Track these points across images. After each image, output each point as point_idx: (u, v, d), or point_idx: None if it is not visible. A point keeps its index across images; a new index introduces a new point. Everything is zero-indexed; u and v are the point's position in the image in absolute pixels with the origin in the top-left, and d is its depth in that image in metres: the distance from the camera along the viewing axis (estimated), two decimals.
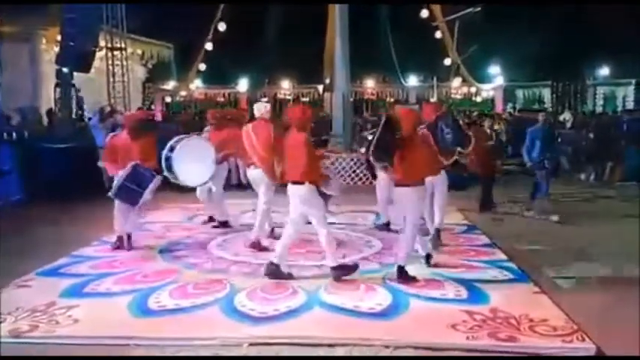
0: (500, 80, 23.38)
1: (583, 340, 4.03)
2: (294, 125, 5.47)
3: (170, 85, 21.89)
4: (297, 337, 4.15)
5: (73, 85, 12.78)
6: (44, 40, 15.48)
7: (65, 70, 12.15)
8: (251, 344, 4.08)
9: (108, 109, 12.79)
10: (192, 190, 7.87)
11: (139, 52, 18.82)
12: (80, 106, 13.88)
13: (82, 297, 5.08)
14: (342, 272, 5.41)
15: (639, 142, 12.05)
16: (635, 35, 20.57)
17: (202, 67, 22.66)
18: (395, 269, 5.42)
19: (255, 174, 6.69)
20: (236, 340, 4.14)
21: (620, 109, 23.24)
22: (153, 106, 20.86)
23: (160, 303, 4.87)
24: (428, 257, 5.87)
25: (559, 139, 13.70)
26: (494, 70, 23.62)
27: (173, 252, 6.62)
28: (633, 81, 25.43)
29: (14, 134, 10.87)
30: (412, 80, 23.20)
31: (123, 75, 16.53)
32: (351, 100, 16.95)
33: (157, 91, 21.43)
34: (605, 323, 4.30)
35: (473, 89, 23.77)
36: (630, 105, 24.05)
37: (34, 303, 4.85)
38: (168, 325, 4.43)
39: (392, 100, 23.36)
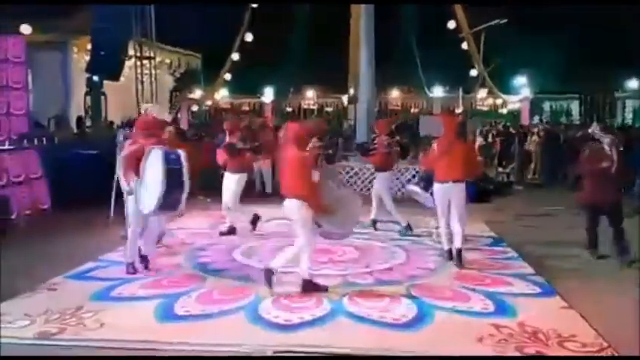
0: (526, 92, 23.16)
1: (614, 356, 3.94)
2: (291, 141, 5.41)
3: (197, 93, 22.17)
4: (322, 346, 4.14)
5: (103, 93, 13.03)
6: (75, 49, 15.83)
7: (95, 78, 12.40)
8: (275, 352, 4.08)
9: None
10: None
11: (167, 61, 19.11)
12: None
13: (109, 301, 5.15)
14: (311, 287, 5.28)
15: None
16: None
17: (228, 76, 22.95)
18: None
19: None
20: (261, 348, 4.14)
21: None
22: (179, 115, 21.14)
23: (185, 308, 4.91)
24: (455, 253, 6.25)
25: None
26: (521, 81, 23.41)
27: (198, 258, 6.67)
28: None
29: (44, 140, 11.09)
30: (437, 91, 23.13)
31: (151, 83, 16.80)
32: (376, 110, 16.97)
33: (184, 100, 21.73)
34: (636, 340, 4.19)
35: (499, 101, 23.60)
36: None
37: (62, 306, 4.93)
38: (194, 331, 4.46)
39: (416, 110, 23.32)
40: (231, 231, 7.84)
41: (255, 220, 7.92)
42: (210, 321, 4.67)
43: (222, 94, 23.50)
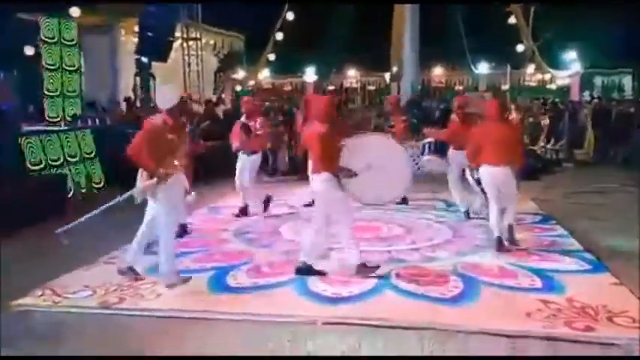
0: (577, 67, 22.36)
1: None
2: (314, 116, 5.29)
3: (240, 74, 22.40)
4: (370, 319, 4.23)
5: (152, 75, 13.34)
6: (123, 32, 16.22)
7: (144, 60, 12.70)
8: (324, 323, 4.20)
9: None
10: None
11: (212, 42, 19.35)
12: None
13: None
14: (307, 272, 5.18)
15: None
16: None
17: (272, 57, 23.05)
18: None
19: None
20: (311, 318, 4.27)
21: None
22: (223, 95, 21.42)
23: (237, 281, 5.09)
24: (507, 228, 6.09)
25: None
26: (571, 56, 22.60)
27: (246, 234, 6.86)
28: None
29: (97, 121, 11.49)
30: (483, 67, 22.59)
31: (197, 65, 17.08)
32: (419, 87, 16.79)
33: (228, 80, 21.99)
34: None
35: (547, 76, 22.91)
36: None
37: (119, 278, 5.18)
38: (246, 302, 4.63)
39: (461, 88, 22.89)
40: (244, 211, 7.83)
41: (267, 200, 7.86)
42: (261, 293, 4.83)
43: (264, 75, 23.64)
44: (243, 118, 7.72)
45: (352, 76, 24.43)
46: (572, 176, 11.56)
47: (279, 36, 22.52)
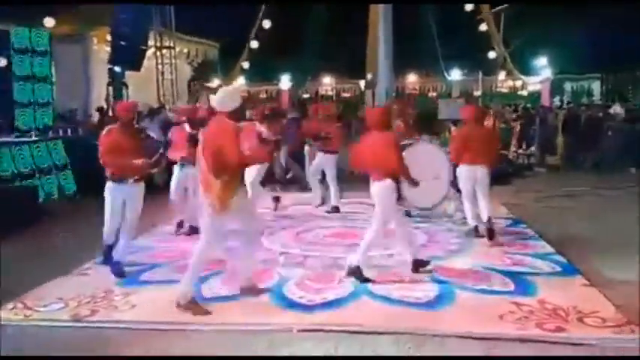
0: (547, 73, 22.82)
1: (633, 331, 3.99)
2: (375, 126, 5.54)
3: (214, 82, 22.33)
4: (346, 325, 4.25)
5: (125, 84, 13.23)
6: (95, 40, 16.05)
7: (117, 69, 12.59)
8: (300, 330, 4.21)
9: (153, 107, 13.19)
10: None
11: (186, 50, 19.28)
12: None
13: (139, 285, 5.32)
14: (358, 276, 5.25)
15: None
16: None
17: (246, 65, 23.04)
18: None
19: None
20: (287, 326, 4.27)
21: None
22: (198, 104, 21.30)
23: (212, 290, 5.06)
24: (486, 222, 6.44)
25: (609, 132, 13.43)
26: (542, 62, 23.06)
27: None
28: None
29: (69, 131, 11.35)
30: (456, 74, 22.91)
31: (171, 73, 16.99)
32: (393, 95, 16.94)
33: (202, 89, 21.90)
34: None
35: (519, 83, 23.32)
36: None
37: (93, 290, 5.12)
38: (222, 311, 4.61)
39: (434, 94, 23.16)
40: (180, 225, 7.58)
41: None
42: (237, 301, 4.81)
43: (239, 83, 23.61)
44: (187, 128, 7.05)
45: (327, 83, 24.55)
46: (543, 180, 11.77)
47: (254, 44, 22.52)
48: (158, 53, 16.79)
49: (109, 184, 5.62)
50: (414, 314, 4.48)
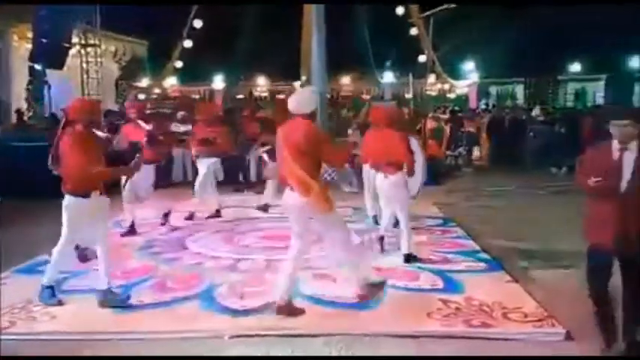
0: (474, 77, 23.69)
1: (553, 325, 4.18)
2: (383, 124, 6.10)
3: (144, 82, 21.70)
4: (277, 329, 4.21)
5: (46, 82, 12.61)
6: (16, 37, 15.21)
7: (38, 67, 11.98)
8: (231, 336, 4.13)
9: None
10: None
11: (112, 48, 18.62)
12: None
13: (61, 295, 5.04)
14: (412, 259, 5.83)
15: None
16: (605, 32, 21.06)
17: (179, 64, 22.54)
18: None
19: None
20: (217, 333, 4.18)
21: (590, 104, 23.78)
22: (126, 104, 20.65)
23: (139, 298, 4.88)
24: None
25: (531, 134, 14.09)
26: (469, 66, 23.93)
27: (150, 248, 6.61)
28: (603, 77, 26.00)
29: None
30: (388, 77, 23.34)
31: (97, 72, 16.36)
32: (328, 97, 17.02)
33: (131, 89, 21.23)
34: (574, 309, 4.44)
35: (447, 86, 24.04)
36: (600, 101, 24.63)
37: (11, 301, 4.82)
38: (149, 320, 4.46)
39: (368, 97, 23.48)
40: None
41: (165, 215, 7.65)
42: (165, 309, 4.66)
43: (170, 82, 23.04)
44: (144, 125, 7.04)
45: (262, 84, 24.39)
46: (472, 180, 12.20)
47: (187, 43, 22.06)
48: (82, 51, 16.11)
49: (71, 200, 4.69)
50: (346, 315, 4.49)
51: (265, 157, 8.43)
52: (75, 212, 4.66)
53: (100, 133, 5.54)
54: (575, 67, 27.05)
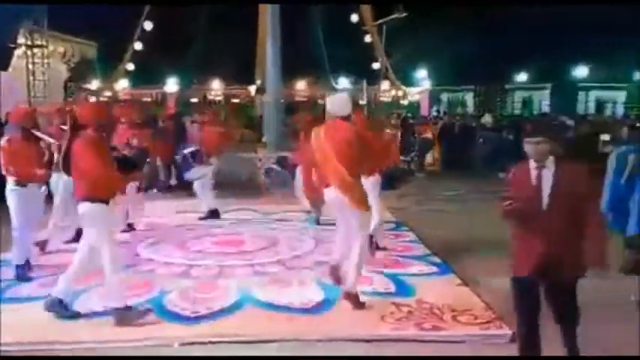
0: (426, 84, 24.18)
1: (501, 327, 4.29)
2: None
3: (94, 84, 21.16)
4: (229, 335, 4.17)
5: None
6: None
7: None
8: (182, 344, 4.06)
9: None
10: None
11: (61, 49, 18.08)
12: None
13: (5, 303, 4.84)
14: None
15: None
16: (551, 41, 21.88)
17: (130, 66, 22.09)
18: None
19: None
20: (167, 340, 4.10)
21: (536, 112, 24.65)
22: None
23: (87, 305, 4.74)
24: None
25: (481, 140, 14.47)
26: (421, 74, 24.41)
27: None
28: (549, 85, 27.01)
29: None
30: (343, 83, 23.56)
31: (43, 73, 15.83)
32: (282, 101, 17.03)
33: (80, 91, 20.65)
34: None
35: (400, 93, 24.46)
36: (546, 108, 25.57)
37: None
38: (97, 328, 4.33)
39: (323, 102, 23.59)
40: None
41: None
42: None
43: (121, 85, 22.55)
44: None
45: (216, 88, 24.18)
46: (424, 185, 12.40)
47: (138, 45, 21.65)
48: (29, 52, 15.57)
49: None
50: (300, 320, 4.49)
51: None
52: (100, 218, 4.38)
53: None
54: (522, 76, 28.01)
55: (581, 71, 26.69)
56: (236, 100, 24.71)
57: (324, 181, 4.79)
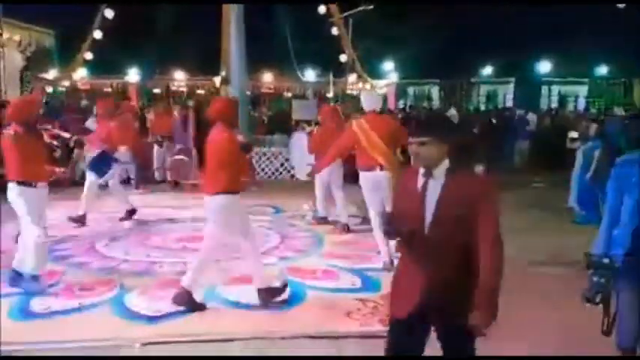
0: (393, 77, 24.22)
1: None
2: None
3: (51, 74, 20.49)
4: (192, 335, 4.08)
5: None
6: None
7: None
8: (144, 344, 3.95)
9: None
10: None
11: (17, 37, 17.41)
12: None
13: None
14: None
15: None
16: (515, 36, 22.24)
17: (89, 55, 21.43)
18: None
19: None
20: (128, 341, 3.98)
21: (501, 106, 25.05)
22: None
23: (44, 305, 4.56)
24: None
25: None
26: (388, 67, 24.46)
27: (57, 251, 6.21)
28: (512, 80, 27.47)
29: None
30: (310, 75, 23.39)
31: None
32: (248, 93, 16.81)
33: (37, 81, 19.96)
34: None
35: (368, 86, 24.46)
36: (510, 102, 26.01)
37: None
38: (56, 329, 4.18)
39: (290, 95, 23.45)
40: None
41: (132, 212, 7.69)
42: (74, 316, 4.40)
43: (80, 75, 21.86)
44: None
45: (179, 78, 23.69)
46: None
47: (98, 34, 21.00)
48: None
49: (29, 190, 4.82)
50: (265, 317, 4.42)
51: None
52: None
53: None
54: (487, 70, 28.40)
55: (544, 66, 27.22)
56: (201, 92, 24.27)
57: (373, 163, 5.58)
